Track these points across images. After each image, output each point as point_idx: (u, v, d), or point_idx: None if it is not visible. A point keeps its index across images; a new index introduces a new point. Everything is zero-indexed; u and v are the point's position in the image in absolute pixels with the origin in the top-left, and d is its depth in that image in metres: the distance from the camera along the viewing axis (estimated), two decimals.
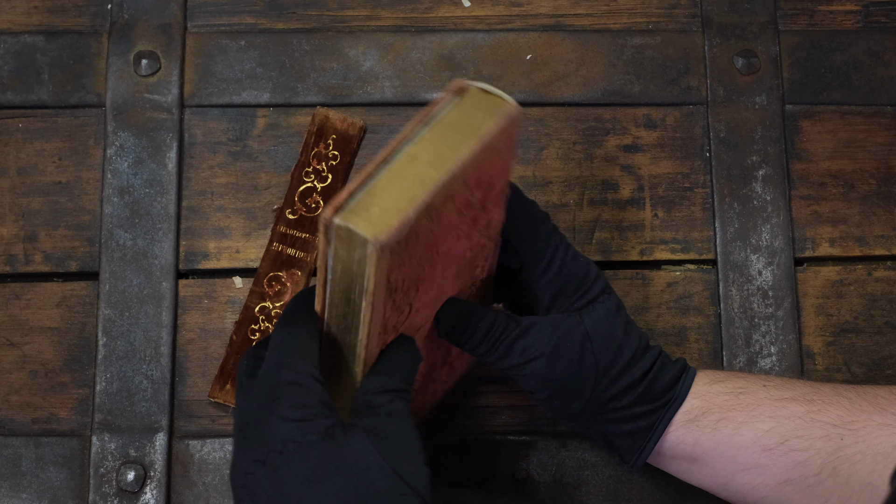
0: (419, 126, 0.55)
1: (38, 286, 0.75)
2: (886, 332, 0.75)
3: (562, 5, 0.80)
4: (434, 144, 0.55)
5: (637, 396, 0.63)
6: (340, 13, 0.79)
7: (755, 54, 0.78)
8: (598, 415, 0.64)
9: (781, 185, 0.77)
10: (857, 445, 0.61)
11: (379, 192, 0.53)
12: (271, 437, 0.52)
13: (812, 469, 0.61)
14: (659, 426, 0.63)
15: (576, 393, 0.63)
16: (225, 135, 0.77)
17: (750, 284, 0.75)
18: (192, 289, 0.75)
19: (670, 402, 0.63)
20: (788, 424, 0.62)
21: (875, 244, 0.76)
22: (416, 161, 0.54)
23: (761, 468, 0.62)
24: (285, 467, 0.51)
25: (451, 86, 0.57)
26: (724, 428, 0.63)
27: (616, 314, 0.64)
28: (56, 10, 0.79)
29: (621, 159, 0.77)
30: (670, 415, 0.63)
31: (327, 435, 0.51)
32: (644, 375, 0.63)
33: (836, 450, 0.61)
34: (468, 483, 0.72)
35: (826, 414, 0.62)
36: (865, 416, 0.62)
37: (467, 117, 0.56)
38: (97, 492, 0.71)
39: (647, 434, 0.64)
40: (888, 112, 0.78)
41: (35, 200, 0.76)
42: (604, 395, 0.63)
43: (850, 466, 0.61)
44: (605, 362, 0.62)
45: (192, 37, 0.78)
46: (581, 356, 0.62)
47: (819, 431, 0.62)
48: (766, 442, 0.62)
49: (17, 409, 0.73)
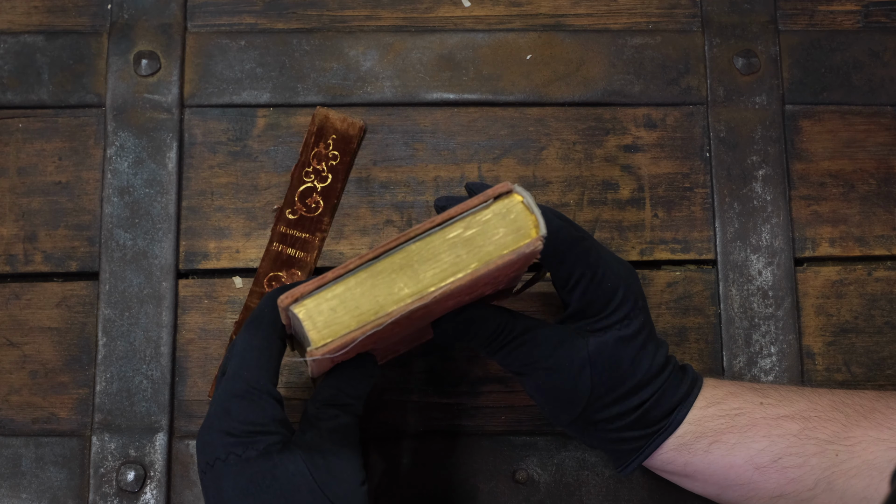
0: (433, 227, 0.53)
1: (38, 286, 0.75)
2: (886, 332, 0.75)
3: (562, 5, 0.80)
4: (433, 254, 0.53)
5: (628, 423, 0.63)
6: (340, 13, 0.79)
7: (755, 54, 0.78)
8: (586, 429, 0.64)
9: (781, 185, 0.77)
10: (852, 461, 0.61)
11: (347, 296, 0.52)
12: (218, 445, 0.56)
13: (806, 485, 0.61)
14: (646, 450, 0.64)
15: (567, 407, 0.63)
16: (225, 135, 0.77)
17: (750, 284, 0.75)
18: (192, 289, 0.75)
19: (661, 431, 0.63)
20: (782, 443, 0.62)
21: (875, 244, 0.76)
22: (402, 273, 0.53)
23: (753, 484, 0.63)
24: (226, 477, 0.55)
25: (496, 189, 0.54)
26: (717, 450, 0.63)
27: (629, 342, 0.63)
28: (56, 10, 0.79)
29: (621, 159, 0.77)
30: (658, 441, 0.63)
31: (265, 454, 0.55)
32: (640, 405, 0.63)
33: (830, 465, 0.61)
34: (468, 483, 0.72)
35: (821, 431, 0.62)
36: (861, 432, 0.61)
37: (487, 234, 0.53)
38: (97, 492, 0.71)
39: (634, 455, 0.64)
40: (888, 112, 0.78)
41: (35, 200, 0.76)
42: (594, 416, 0.63)
43: (846, 482, 0.61)
44: (600, 389, 0.62)
45: (192, 37, 0.78)
46: (578, 378, 0.62)
47: (814, 448, 0.61)
48: (758, 461, 0.62)
49: (17, 409, 0.73)
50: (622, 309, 0.63)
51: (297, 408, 0.73)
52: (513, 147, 0.77)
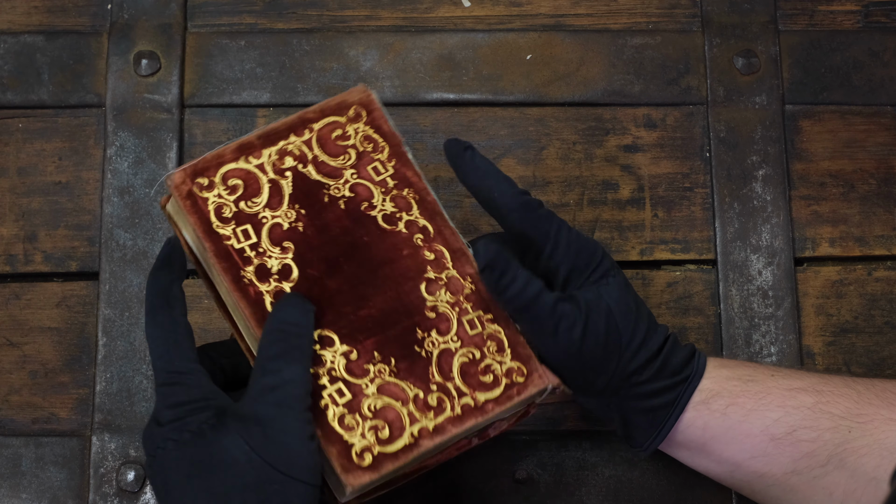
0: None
1: (38, 286, 0.75)
2: (886, 332, 0.75)
3: (562, 5, 0.80)
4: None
5: (656, 370, 0.63)
6: (340, 13, 0.79)
7: (755, 54, 0.78)
8: (620, 390, 0.63)
9: (781, 185, 0.77)
10: (864, 438, 0.61)
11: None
12: (156, 435, 0.56)
13: (819, 460, 0.61)
14: (680, 402, 0.63)
15: (601, 367, 0.62)
16: (225, 135, 0.77)
17: (750, 284, 0.75)
18: (192, 289, 0.75)
19: (689, 379, 0.63)
20: (797, 415, 0.62)
21: (875, 244, 0.76)
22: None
23: (769, 457, 0.62)
24: (168, 464, 0.56)
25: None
26: (734, 414, 0.63)
27: (627, 288, 0.64)
28: (56, 10, 0.79)
29: (621, 159, 0.77)
30: (690, 391, 0.63)
31: (199, 434, 0.55)
32: (660, 349, 0.63)
33: (843, 442, 0.61)
34: (468, 483, 0.72)
35: (835, 405, 0.62)
36: (874, 410, 0.62)
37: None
38: (97, 492, 0.71)
39: (666, 412, 0.63)
40: (888, 112, 0.78)
41: (35, 200, 0.76)
42: (626, 368, 0.63)
43: (857, 459, 0.61)
44: (626, 335, 0.63)
45: (192, 37, 0.78)
46: (607, 329, 0.62)
47: (827, 423, 0.62)
48: (774, 431, 0.62)
49: (17, 409, 0.73)
50: (607, 258, 0.64)
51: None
52: (513, 147, 0.77)
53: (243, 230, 0.61)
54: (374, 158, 0.63)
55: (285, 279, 0.60)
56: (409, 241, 0.62)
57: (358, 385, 0.58)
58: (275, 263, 0.60)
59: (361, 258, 0.61)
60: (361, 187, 0.63)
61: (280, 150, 0.63)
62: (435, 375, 0.59)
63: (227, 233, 0.60)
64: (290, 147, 0.63)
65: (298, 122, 0.63)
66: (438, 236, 0.63)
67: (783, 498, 0.63)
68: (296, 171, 0.62)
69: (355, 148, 0.63)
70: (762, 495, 0.64)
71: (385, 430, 0.57)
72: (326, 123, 0.63)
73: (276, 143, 0.63)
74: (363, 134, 0.64)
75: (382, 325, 0.60)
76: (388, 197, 0.63)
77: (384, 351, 0.59)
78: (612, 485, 0.72)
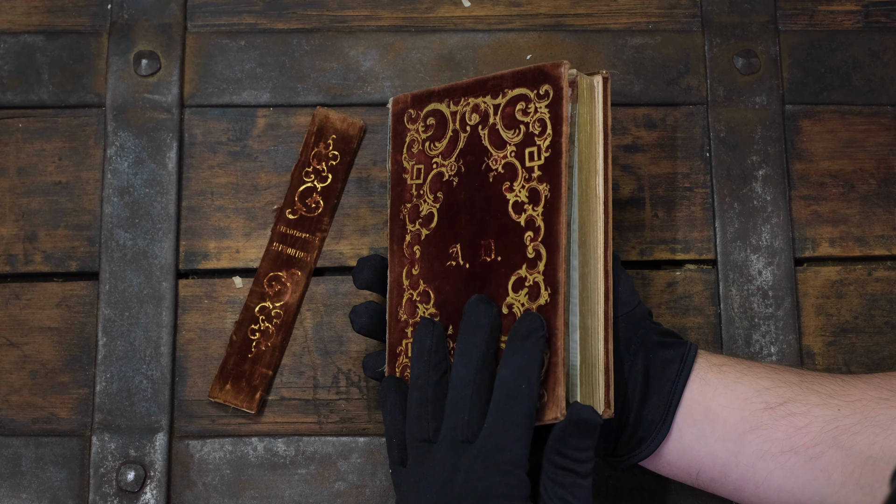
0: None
1: (38, 286, 0.75)
2: (886, 332, 0.75)
3: (562, 5, 0.80)
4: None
5: (658, 324, 0.67)
6: (340, 13, 0.79)
7: (755, 54, 0.78)
8: (639, 328, 0.66)
9: (781, 185, 0.77)
10: (854, 416, 0.61)
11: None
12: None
13: (812, 436, 0.62)
14: (689, 354, 0.65)
15: (621, 307, 0.66)
16: (225, 135, 0.77)
17: (750, 284, 0.75)
18: (192, 289, 0.75)
19: (687, 343, 0.66)
20: (786, 388, 0.63)
21: (875, 244, 0.76)
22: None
23: (766, 430, 0.63)
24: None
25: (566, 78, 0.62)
26: (729, 372, 0.64)
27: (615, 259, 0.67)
28: (56, 10, 0.79)
29: (621, 159, 0.77)
30: (693, 351, 0.65)
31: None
32: (650, 314, 0.68)
33: (833, 419, 0.62)
34: None
35: (820, 385, 0.63)
36: (860, 392, 0.62)
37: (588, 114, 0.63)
38: (97, 492, 0.71)
39: (678, 365, 0.64)
40: (888, 112, 0.78)
41: (35, 200, 0.76)
42: (640, 311, 0.66)
43: (850, 437, 0.61)
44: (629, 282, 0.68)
45: (192, 37, 0.78)
46: (620, 275, 0.66)
47: (815, 399, 0.63)
48: (767, 398, 0.63)
49: (17, 409, 0.73)
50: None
51: (297, 407, 0.73)
52: None
53: (418, 168, 0.67)
54: (535, 143, 0.63)
55: (425, 226, 0.66)
56: (521, 233, 0.62)
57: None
58: (425, 209, 0.66)
59: (479, 233, 0.64)
60: (512, 168, 0.63)
61: (474, 106, 0.65)
62: None
63: (408, 166, 0.67)
64: (483, 106, 0.65)
65: (496, 84, 0.65)
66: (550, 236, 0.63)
67: (785, 487, 0.63)
68: (475, 130, 0.65)
69: (527, 127, 0.63)
70: (765, 487, 0.64)
71: None
72: (517, 94, 0.64)
73: (477, 96, 0.65)
74: (538, 116, 0.63)
75: (461, 310, 0.63)
76: (528, 186, 0.63)
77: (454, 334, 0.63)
78: (612, 485, 0.72)
